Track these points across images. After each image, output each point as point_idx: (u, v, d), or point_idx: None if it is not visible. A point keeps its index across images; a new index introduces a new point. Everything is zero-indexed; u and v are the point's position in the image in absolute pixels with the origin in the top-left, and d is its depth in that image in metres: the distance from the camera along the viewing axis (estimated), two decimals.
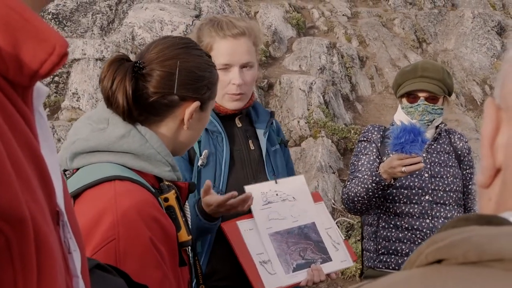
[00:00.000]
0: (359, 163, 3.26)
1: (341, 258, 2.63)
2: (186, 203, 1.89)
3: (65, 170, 1.73)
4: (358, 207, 3.16)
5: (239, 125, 2.65)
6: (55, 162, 0.83)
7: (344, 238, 2.72)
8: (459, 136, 3.40)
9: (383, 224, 3.24)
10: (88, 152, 1.70)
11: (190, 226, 1.82)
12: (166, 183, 1.74)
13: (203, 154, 2.46)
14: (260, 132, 2.66)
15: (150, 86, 1.72)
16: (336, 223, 6.77)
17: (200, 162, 2.46)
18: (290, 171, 2.78)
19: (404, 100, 3.28)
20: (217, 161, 2.51)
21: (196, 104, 1.77)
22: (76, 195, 1.61)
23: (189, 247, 1.80)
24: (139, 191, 1.62)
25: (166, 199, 1.71)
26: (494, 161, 0.72)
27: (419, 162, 2.89)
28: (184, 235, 1.70)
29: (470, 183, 3.30)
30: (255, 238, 2.47)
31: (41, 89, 0.79)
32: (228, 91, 2.54)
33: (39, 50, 0.71)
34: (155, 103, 1.73)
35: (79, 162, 1.71)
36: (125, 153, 1.69)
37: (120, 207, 1.55)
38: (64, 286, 0.79)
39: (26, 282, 0.68)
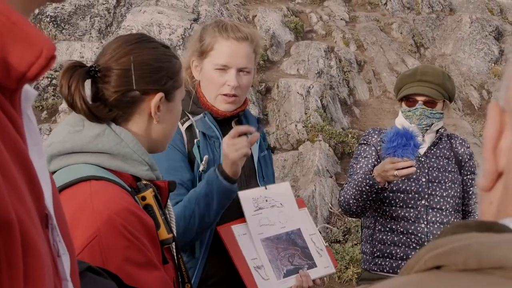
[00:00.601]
0: (358, 166, 3.27)
1: (324, 264, 2.66)
2: (169, 202, 1.89)
3: None
4: (354, 210, 3.17)
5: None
6: (43, 166, 0.82)
7: (326, 245, 2.76)
8: (460, 141, 3.39)
9: (380, 227, 3.25)
10: (64, 154, 1.71)
11: (171, 225, 1.83)
12: (144, 182, 1.74)
13: (203, 159, 2.46)
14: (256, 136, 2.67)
15: (109, 86, 1.73)
16: (327, 228, 6.78)
17: (201, 168, 2.45)
18: (272, 176, 2.81)
19: (403, 104, 3.29)
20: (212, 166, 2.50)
21: (159, 95, 1.77)
22: None
23: (173, 245, 1.81)
24: (114, 189, 1.63)
25: (143, 198, 1.71)
26: (497, 164, 0.71)
27: (411, 166, 2.89)
28: (164, 233, 1.70)
29: (471, 188, 3.30)
30: (248, 243, 2.48)
31: (29, 92, 0.79)
32: (222, 92, 2.54)
33: (26, 53, 0.71)
34: (117, 102, 1.74)
35: (56, 165, 1.72)
36: (100, 153, 1.70)
37: (96, 205, 1.56)
38: (51, 282, 0.79)
39: (12, 284, 0.68)
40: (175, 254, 1.86)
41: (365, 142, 3.36)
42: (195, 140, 2.47)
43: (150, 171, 1.77)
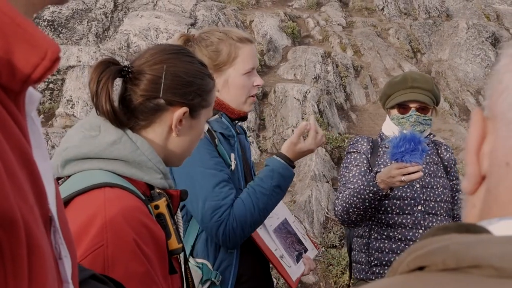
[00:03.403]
0: (350, 175, 3.23)
1: (310, 247, 2.85)
2: (178, 211, 1.89)
3: (58, 178, 1.73)
4: (353, 219, 3.13)
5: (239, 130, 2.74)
6: (47, 168, 0.82)
7: (305, 230, 2.95)
8: (445, 147, 3.40)
9: (376, 235, 3.21)
10: (79, 159, 1.69)
11: (181, 234, 1.83)
12: (157, 190, 1.74)
13: (232, 158, 2.52)
14: (241, 137, 2.74)
15: (138, 89, 1.73)
16: (323, 233, 6.78)
17: (233, 167, 2.52)
18: None
19: (394, 111, 3.26)
20: (237, 164, 2.57)
21: (184, 109, 1.77)
22: (67, 202, 1.61)
23: (181, 255, 1.81)
24: (128, 198, 1.62)
25: (156, 207, 1.70)
26: (480, 168, 0.74)
27: (418, 171, 2.88)
28: (174, 243, 1.70)
29: (456, 194, 3.30)
30: (266, 235, 2.62)
31: (33, 94, 0.79)
32: (251, 93, 2.61)
33: (31, 55, 0.71)
34: (142, 107, 1.74)
35: (70, 169, 1.70)
36: (116, 160, 1.69)
37: (109, 213, 1.54)
38: (54, 282, 0.79)
39: (17, 284, 0.68)
40: (182, 263, 1.86)
41: (354, 150, 3.32)
42: (216, 140, 2.50)
43: (163, 180, 1.76)
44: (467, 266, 0.58)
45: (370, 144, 3.32)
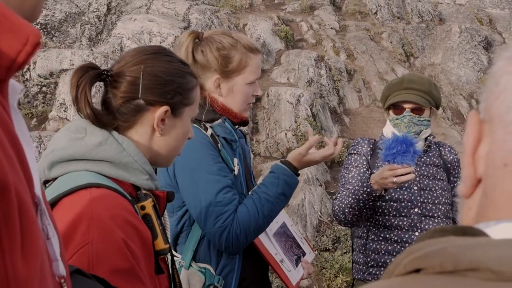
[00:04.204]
0: (350, 176, 3.27)
1: (308, 251, 2.85)
2: (165, 212, 1.90)
3: (45, 182, 1.74)
4: (349, 219, 3.15)
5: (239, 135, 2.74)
6: (32, 154, 0.84)
7: (302, 234, 2.96)
8: (449, 149, 3.41)
9: (373, 236, 3.25)
10: (65, 161, 1.71)
11: (167, 235, 1.83)
12: (144, 191, 1.75)
13: (234, 163, 2.52)
14: (242, 141, 2.74)
15: (118, 92, 1.76)
16: (316, 236, 6.78)
17: (236, 172, 2.52)
18: None
19: (390, 112, 3.30)
20: (240, 168, 2.58)
21: (164, 108, 1.77)
22: (54, 203, 1.62)
23: (168, 256, 1.81)
24: (115, 197, 1.63)
25: (143, 207, 1.71)
26: (476, 171, 0.74)
27: (410, 173, 2.90)
28: (161, 243, 1.71)
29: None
30: (267, 240, 2.62)
31: (15, 86, 0.80)
32: (249, 101, 2.63)
33: (14, 42, 0.73)
34: (122, 108, 1.76)
35: (57, 171, 1.72)
36: (102, 161, 1.70)
37: (95, 212, 1.55)
38: (45, 250, 0.83)
39: (11, 243, 0.71)
40: (170, 264, 1.86)
41: (355, 151, 3.37)
42: (219, 145, 2.51)
43: (150, 181, 1.77)
44: (465, 269, 0.58)
45: (371, 146, 3.35)
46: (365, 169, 3.25)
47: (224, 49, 2.54)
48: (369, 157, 3.30)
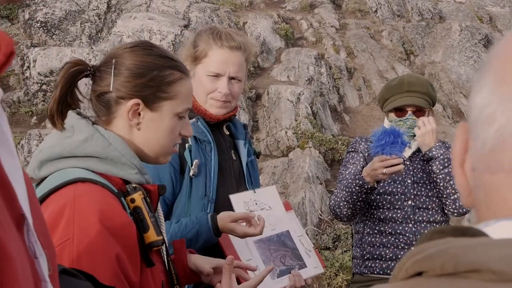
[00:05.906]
0: (347, 172, 3.35)
1: (313, 265, 2.73)
2: (159, 206, 1.89)
3: (38, 183, 1.74)
4: (344, 212, 3.23)
5: (227, 132, 2.71)
6: (15, 166, 0.80)
7: (313, 246, 2.82)
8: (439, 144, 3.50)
9: (368, 230, 3.33)
10: (54, 159, 1.72)
11: (161, 228, 1.83)
12: (133, 185, 1.75)
13: (193, 164, 2.48)
14: (240, 143, 2.74)
15: (95, 86, 1.80)
16: (316, 235, 6.78)
17: (191, 173, 2.48)
18: (258, 181, 2.89)
19: (391, 114, 3.37)
20: (207, 170, 2.54)
21: (133, 101, 1.77)
22: (42, 200, 1.63)
23: (163, 248, 1.81)
24: (99, 191, 1.64)
25: (132, 200, 1.71)
26: (466, 179, 0.74)
27: (400, 164, 2.95)
28: (152, 236, 1.70)
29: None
30: (243, 244, 2.54)
31: None
32: (213, 96, 2.59)
33: None
34: (97, 102, 1.80)
35: (46, 170, 1.73)
36: (89, 157, 1.71)
37: (77, 207, 1.56)
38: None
39: None
40: (165, 256, 1.86)
41: (353, 149, 3.46)
42: (187, 145, 2.48)
43: (139, 175, 1.77)
44: (466, 271, 0.58)
45: (368, 143, 3.41)
46: (361, 166, 3.33)
47: (191, 38, 2.65)
48: (367, 155, 3.36)
